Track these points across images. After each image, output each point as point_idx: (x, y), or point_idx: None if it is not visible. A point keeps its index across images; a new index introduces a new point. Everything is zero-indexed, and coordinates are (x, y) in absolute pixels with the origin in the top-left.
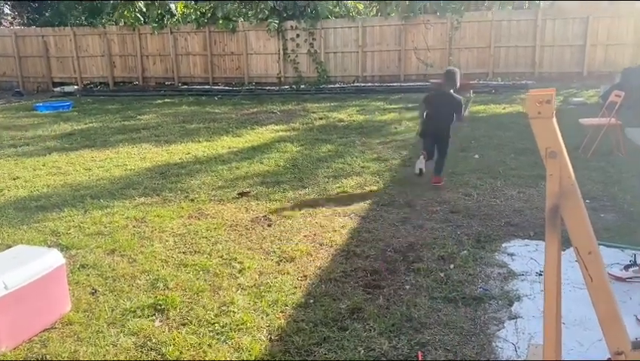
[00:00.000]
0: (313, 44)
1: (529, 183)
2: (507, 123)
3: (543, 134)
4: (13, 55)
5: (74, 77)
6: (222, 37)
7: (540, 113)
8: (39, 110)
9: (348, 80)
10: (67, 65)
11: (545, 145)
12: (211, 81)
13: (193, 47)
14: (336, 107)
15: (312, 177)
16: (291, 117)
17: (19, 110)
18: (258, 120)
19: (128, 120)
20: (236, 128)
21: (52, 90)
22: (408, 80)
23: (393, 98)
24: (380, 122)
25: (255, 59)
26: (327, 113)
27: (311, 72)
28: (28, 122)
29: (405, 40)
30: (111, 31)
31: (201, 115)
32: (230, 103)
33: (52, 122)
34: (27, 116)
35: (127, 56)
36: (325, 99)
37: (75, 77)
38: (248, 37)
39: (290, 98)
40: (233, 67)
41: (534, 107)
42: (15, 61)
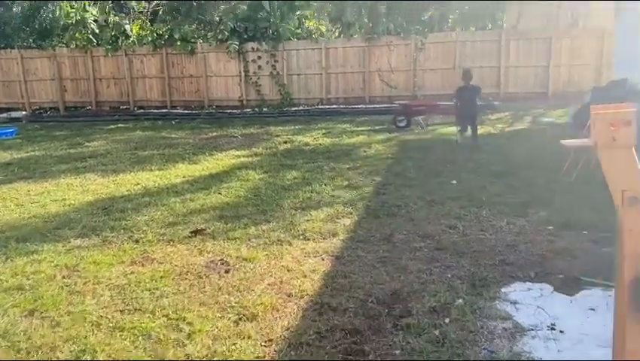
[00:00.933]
0: (275, 66)
1: (517, 211)
2: (480, 145)
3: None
4: None
5: (22, 102)
6: (180, 60)
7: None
8: None
9: (313, 103)
10: (14, 90)
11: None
12: (169, 105)
13: (149, 69)
14: (301, 130)
15: (276, 209)
16: (254, 141)
17: None
18: (218, 145)
19: (75, 148)
20: (193, 155)
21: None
22: (373, 102)
23: (359, 120)
24: (348, 145)
25: (215, 81)
26: (291, 137)
27: (274, 95)
28: None
29: (369, 62)
30: (62, 54)
31: (156, 141)
32: (188, 127)
33: None
34: None
35: (79, 80)
36: (289, 122)
37: (23, 103)
38: (208, 59)
39: (252, 122)
40: (192, 90)
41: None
42: None
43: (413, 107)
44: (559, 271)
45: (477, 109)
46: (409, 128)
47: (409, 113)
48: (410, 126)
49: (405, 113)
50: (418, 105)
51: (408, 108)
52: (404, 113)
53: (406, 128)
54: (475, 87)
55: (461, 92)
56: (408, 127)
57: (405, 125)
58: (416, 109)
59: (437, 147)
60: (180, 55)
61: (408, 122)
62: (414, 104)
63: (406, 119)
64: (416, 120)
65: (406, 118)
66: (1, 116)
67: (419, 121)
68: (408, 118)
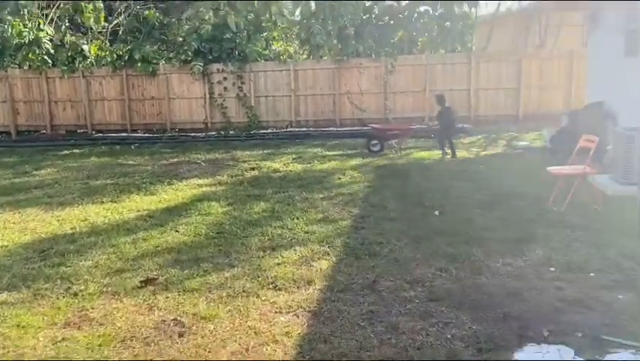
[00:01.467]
0: (242, 88)
1: (512, 249)
2: (458, 171)
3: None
4: None
5: None
6: (141, 81)
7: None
8: None
9: (281, 125)
10: None
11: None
12: (130, 128)
13: (108, 91)
14: (270, 155)
15: (242, 250)
16: (218, 168)
17: None
18: (179, 173)
19: (20, 177)
20: (151, 184)
21: None
22: (344, 125)
23: (330, 144)
24: (321, 171)
25: (178, 103)
26: (259, 163)
27: (240, 117)
28: None
29: (339, 84)
30: (14, 75)
31: (111, 168)
32: (148, 152)
33: None
34: None
35: (33, 102)
36: (257, 146)
37: None
38: (170, 81)
39: (217, 146)
40: (154, 112)
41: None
42: None
43: (387, 130)
44: (575, 327)
45: (456, 128)
46: (382, 152)
47: (382, 137)
48: (384, 150)
49: (378, 137)
50: (391, 129)
51: (381, 132)
52: (377, 137)
53: (379, 152)
54: (450, 109)
55: (441, 117)
56: (381, 151)
57: (379, 149)
58: (390, 133)
59: (413, 172)
60: (141, 76)
61: (382, 147)
62: (387, 127)
63: (380, 143)
64: (390, 144)
65: (380, 142)
66: None
67: (392, 145)
68: (381, 142)
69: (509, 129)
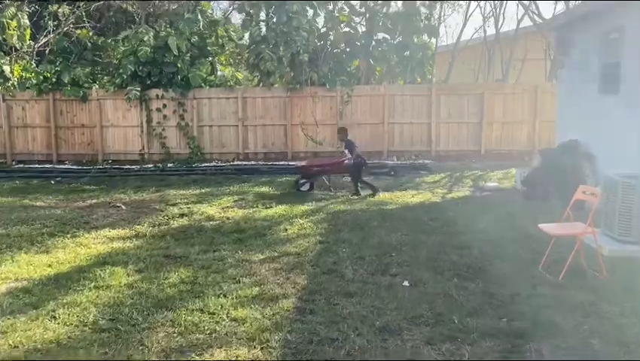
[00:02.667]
0: (184, 116)
1: (515, 348)
2: (425, 221)
3: None
4: None
5: None
6: (70, 107)
7: None
8: None
9: (228, 158)
10: None
11: None
12: (56, 159)
13: (32, 117)
14: (208, 195)
15: (137, 353)
16: (141, 213)
17: None
18: (91, 220)
19: None
20: (50, 236)
21: None
22: (296, 158)
23: (280, 181)
24: (265, 219)
25: (112, 132)
26: (193, 206)
27: (181, 148)
28: None
29: (291, 114)
30: None
31: (10, 212)
32: (66, 190)
33: None
34: None
35: None
36: (196, 183)
37: None
38: (104, 107)
39: (150, 182)
40: (84, 141)
41: None
42: None
43: (312, 167)
44: None
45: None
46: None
47: (309, 175)
48: (313, 189)
49: (305, 175)
50: (317, 165)
51: (307, 169)
52: (304, 175)
53: (310, 191)
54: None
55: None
56: (311, 190)
57: (308, 188)
58: (316, 169)
59: (374, 221)
60: (70, 101)
61: (311, 186)
62: (313, 164)
63: (308, 181)
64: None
65: (308, 180)
66: None
67: (324, 182)
68: (310, 180)
69: (472, 166)
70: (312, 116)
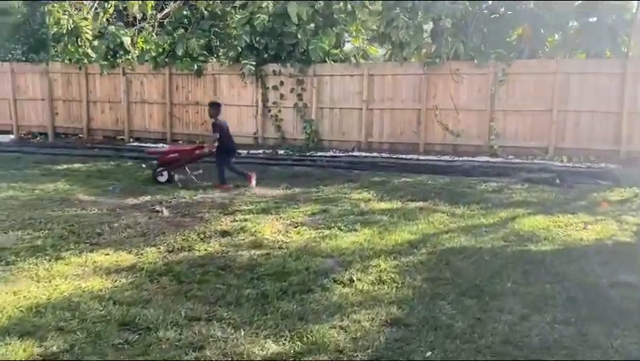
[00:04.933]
0: (302, 96)
1: None
2: (606, 286)
3: None
4: None
5: (11, 124)
6: (186, 82)
7: None
8: None
9: (347, 147)
10: (4, 110)
11: None
12: (169, 138)
13: (150, 92)
14: (288, 199)
15: None
16: (175, 225)
17: None
18: (107, 230)
19: None
20: (32, 253)
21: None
22: (430, 152)
23: (395, 184)
24: (330, 254)
25: (227, 111)
26: (251, 219)
27: (298, 133)
28: None
29: (426, 96)
30: (55, 69)
31: (39, 207)
32: (140, 178)
33: None
34: None
35: (72, 102)
36: (292, 178)
37: (12, 125)
38: (219, 83)
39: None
40: (198, 121)
41: None
42: None
43: (164, 154)
44: None
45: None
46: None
47: (164, 164)
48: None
49: (161, 165)
50: (168, 152)
51: (160, 157)
52: (160, 164)
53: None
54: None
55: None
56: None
57: (166, 179)
58: (168, 158)
59: (503, 278)
60: (185, 76)
61: (170, 177)
62: (164, 151)
63: (166, 171)
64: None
65: (165, 170)
66: None
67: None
68: (168, 170)
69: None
70: (452, 100)
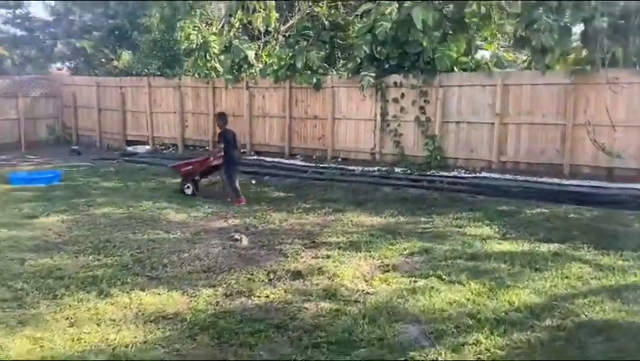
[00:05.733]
0: (425, 109)
1: None
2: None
3: None
4: (95, 106)
5: (147, 135)
6: (305, 95)
7: None
8: (12, 181)
9: (474, 167)
10: (141, 122)
11: None
12: (288, 152)
13: (271, 106)
14: (388, 231)
15: None
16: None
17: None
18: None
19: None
20: (85, 286)
21: (124, 149)
22: (577, 175)
23: (531, 218)
24: (415, 318)
25: (344, 125)
26: (335, 256)
27: (418, 149)
28: None
29: (574, 110)
30: (186, 83)
31: (125, 228)
32: (247, 191)
33: None
34: None
35: (200, 115)
36: (404, 202)
37: (147, 136)
38: (337, 96)
39: (347, 194)
40: (316, 135)
41: None
42: (95, 113)
43: (181, 167)
44: None
45: None
46: None
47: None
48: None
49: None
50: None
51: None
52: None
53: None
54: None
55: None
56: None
57: (191, 193)
58: (186, 170)
59: None
60: (305, 89)
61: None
62: (182, 164)
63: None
64: None
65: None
66: (129, 149)
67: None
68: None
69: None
70: (608, 114)
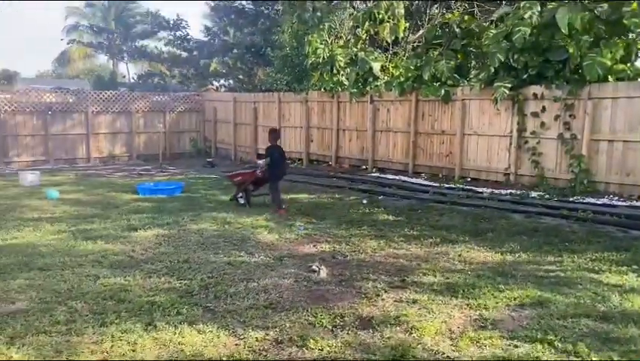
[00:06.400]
0: (570, 125)
1: None
2: None
3: None
4: (231, 121)
5: None
6: (433, 109)
7: None
8: (139, 191)
9: (631, 193)
10: None
11: None
12: (411, 169)
13: (395, 120)
14: (500, 271)
15: None
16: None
17: (124, 189)
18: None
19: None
20: (164, 316)
21: (255, 162)
22: None
23: None
24: None
25: (475, 142)
26: (427, 299)
27: (561, 171)
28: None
29: None
30: (312, 98)
31: (220, 248)
32: (349, 216)
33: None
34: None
35: (324, 130)
36: (533, 234)
37: None
38: (468, 109)
39: (469, 220)
40: (442, 152)
41: None
42: (231, 127)
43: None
44: None
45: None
46: None
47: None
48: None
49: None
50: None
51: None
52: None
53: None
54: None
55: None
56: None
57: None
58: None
59: None
60: (433, 102)
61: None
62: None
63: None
64: None
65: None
66: (259, 162)
67: None
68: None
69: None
70: None
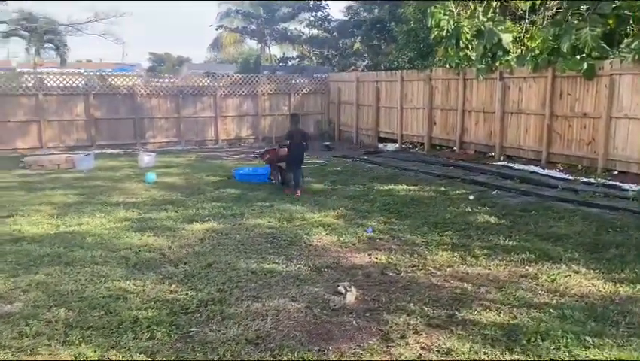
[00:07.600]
0: None
1: None
2: None
3: None
4: (354, 102)
5: (397, 132)
6: (573, 87)
7: None
8: (236, 177)
9: None
10: (392, 118)
11: None
12: (545, 159)
13: (528, 100)
14: (601, 315)
15: None
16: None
17: (227, 173)
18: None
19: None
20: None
21: (376, 146)
22: None
23: None
24: None
25: (624, 127)
26: (470, 356)
27: None
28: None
29: None
30: (436, 76)
31: (255, 252)
32: (437, 218)
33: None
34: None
35: (449, 111)
36: None
37: (397, 133)
38: (618, 87)
39: (588, 229)
40: (583, 138)
41: None
42: (354, 109)
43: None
44: None
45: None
46: None
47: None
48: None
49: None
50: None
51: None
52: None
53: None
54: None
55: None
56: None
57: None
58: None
59: None
60: (573, 79)
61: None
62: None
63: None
64: None
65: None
66: (380, 147)
67: None
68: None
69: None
70: None
